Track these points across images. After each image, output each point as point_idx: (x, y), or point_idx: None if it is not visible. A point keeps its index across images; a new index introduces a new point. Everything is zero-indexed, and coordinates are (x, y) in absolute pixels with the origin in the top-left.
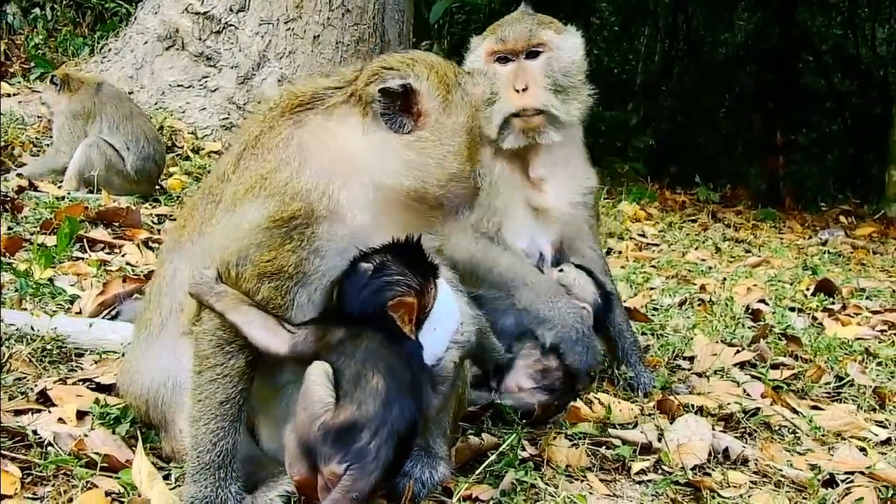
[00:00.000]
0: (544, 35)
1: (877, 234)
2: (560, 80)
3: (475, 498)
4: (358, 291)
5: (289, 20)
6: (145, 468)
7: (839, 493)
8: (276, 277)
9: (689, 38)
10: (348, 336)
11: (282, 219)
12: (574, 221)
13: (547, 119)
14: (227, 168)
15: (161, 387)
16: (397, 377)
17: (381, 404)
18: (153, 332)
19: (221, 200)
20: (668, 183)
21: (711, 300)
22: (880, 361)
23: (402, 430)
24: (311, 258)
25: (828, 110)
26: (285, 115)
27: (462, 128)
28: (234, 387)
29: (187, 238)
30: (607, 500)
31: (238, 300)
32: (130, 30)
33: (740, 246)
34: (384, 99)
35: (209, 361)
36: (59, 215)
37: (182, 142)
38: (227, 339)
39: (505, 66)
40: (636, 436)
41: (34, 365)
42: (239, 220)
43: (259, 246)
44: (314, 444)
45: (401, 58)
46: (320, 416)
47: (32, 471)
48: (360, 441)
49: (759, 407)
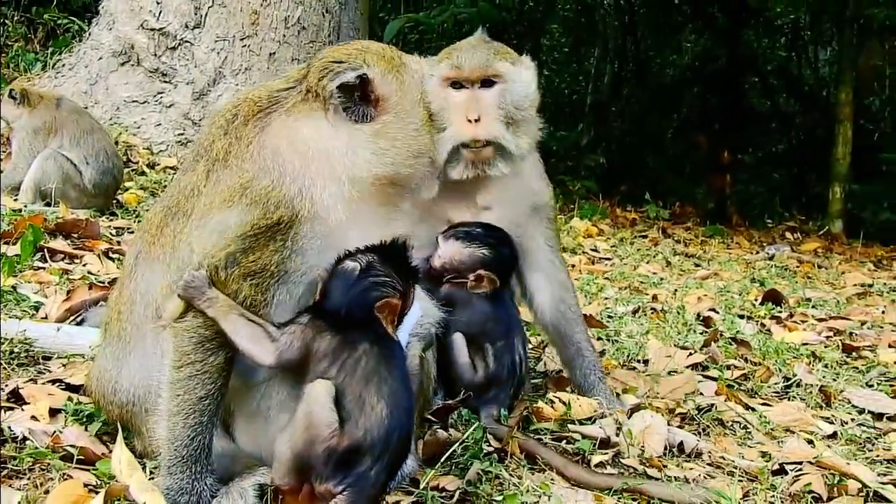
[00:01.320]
0: (500, 66)
1: (822, 249)
2: (512, 113)
3: (442, 488)
4: (345, 290)
5: (244, 37)
6: (125, 457)
7: (789, 481)
8: (259, 276)
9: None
10: (340, 345)
11: (266, 225)
12: (521, 241)
13: (496, 151)
14: (198, 183)
15: (135, 392)
16: (396, 398)
17: (385, 431)
18: (126, 340)
19: (193, 213)
20: (619, 201)
21: (663, 309)
22: (826, 364)
23: (399, 452)
24: (293, 256)
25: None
26: (248, 123)
27: (417, 103)
28: (213, 383)
29: (159, 251)
30: (568, 490)
31: (228, 308)
32: (85, 45)
33: (690, 260)
34: (342, 94)
35: (189, 358)
36: (19, 225)
37: (137, 157)
38: (208, 336)
39: (458, 93)
40: (595, 431)
41: (2, 367)
42: (221, 228)
43: (245, 250)
44: (313, 462)
45: (345, 50)
46: (326, 439)
47: (8, 464)
48: (362, 466)
49: (713, 403)
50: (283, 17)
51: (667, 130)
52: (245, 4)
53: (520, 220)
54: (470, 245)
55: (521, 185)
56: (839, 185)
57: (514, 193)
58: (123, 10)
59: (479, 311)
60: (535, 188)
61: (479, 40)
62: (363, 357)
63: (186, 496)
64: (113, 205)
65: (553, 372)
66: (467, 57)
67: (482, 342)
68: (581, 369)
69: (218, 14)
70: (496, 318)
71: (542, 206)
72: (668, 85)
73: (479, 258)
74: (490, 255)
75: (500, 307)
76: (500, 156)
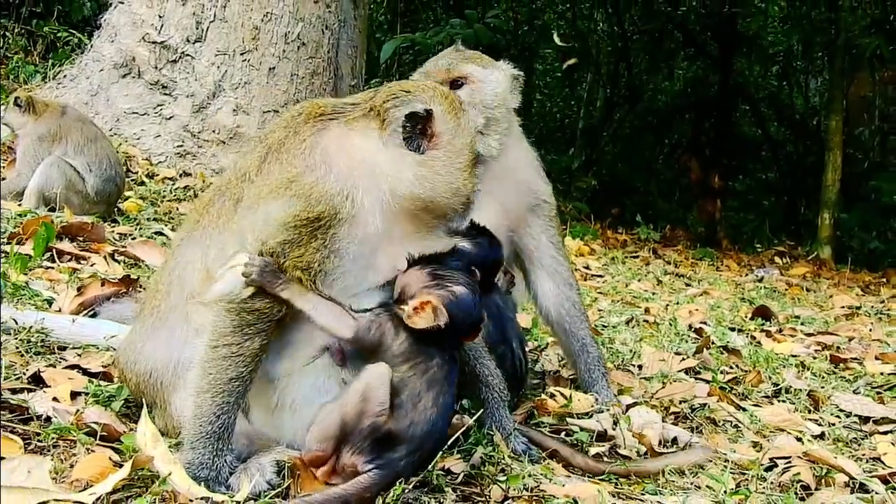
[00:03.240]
0: (465, 68)
1: (810, 273)
2: (481, 112)
3: (448, 470)
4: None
5: (245, 52)
6: (150, 431)
7: (778, 472)
8: (307, 272)
9: (630, 85)
10: (416, 351)
11: (308, 219)
12: (522, 239)
13: None
14: (250, 170)
15: (164, 367)
16: (445, 411)
17: (427, 432)
18: (160, 317)
19: (242, 199)
20: (610, 223)
21: (656, 321)
22: (814, 372)
23: (429, 455)
24: (332, 257)
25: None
26: (309, 122)
27: (467, 148)
28: (246, 367)
29: (202, 232)
30: (565, 477)
31: (304, 289)
32: (86, 57)
33: (681, 280)
34: (407, 122)
35: (227, 339)
36: (28, 226)
37: (137, 167)
38: (249, 321)
39: None
40: (593, 424)
41: (20, 354)
42: (266, 217)
43: (291, 243)
44: (356, 432)
45: (415, 84)
46: (375, 414)
47: (33, 441)
48: (397, 453)
49: (706, 403)
50: (284, 32)
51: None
52: (246, 20)
53: (517, 219)
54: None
55: (513, 182)
56: (828, 212)
57: (505, 191)
58: (126, 22)
59: None
60: (533, 186)
61: (452, 49)
62: (435, 367)
63: (206, 470)
64: (115, 212)
65: (551, 372)
66: (434, 62)
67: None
68: (586, 364)
69: (219, 28)
70: (490, 321)
71: (542, 204)
72: (660, 111)
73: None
74: (468, 248)
75: (491, 309)
76: None
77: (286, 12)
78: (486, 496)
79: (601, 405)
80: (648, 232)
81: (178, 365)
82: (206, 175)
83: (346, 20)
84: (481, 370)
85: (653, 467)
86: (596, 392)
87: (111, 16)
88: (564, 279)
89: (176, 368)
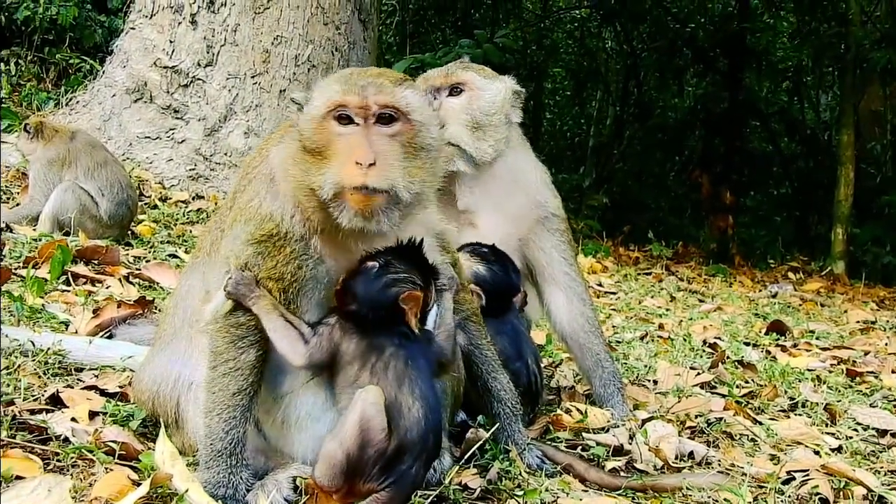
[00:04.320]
0: (464, 75)
1: (824, 289)
2: (478, 118)
3: (465, 485)
4: (367, 288)
5: (255, 74)
6: (168, 449)
7: (796, 486)
8: (280, 282)
9: (639, 102)
10: (367, 348)
11: (262, 236)
12: (532, 254)
13: (457, 151)
14: (229, 199)
15: (174, 386)
16: (427, 398)
17: (423, 431)
18: (165, 340)
19: (224, 227)
20: (622, 240)
21: (670, 336)
22: (830, 386)
23: (433, 449)
24: (303, 268)
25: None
26: (267, 144)
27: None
28: (245, 379)
29: (200, 260)
30: (582, 492)
31: (271, 306)
32: (98, 82)
33: (694, 296)
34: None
35: (223, 356)
36: (44, 250)
37: (150, 191)
38: (239, 335)
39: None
40: (609, 439)
41: (38, 376)
42: (236, 236)
43: (260, 254)
44: (363, 464)
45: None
46: (378, 442)
47: (52, 460)
48: (405, 464)
49: (722, 417)
50: (294, 55)
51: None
52: (256, 43)
53: (524, 232)
54: (470, 259)
55: (520, 193)
56: (841, 227)
57: (509, 199)
58: (137, 48)
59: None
60: (541, 199)
61: (456, 61)
62: (391, 360)
63: (223, 489)
64: (128, 235)
65: (566, 388)
66: (435, 70)
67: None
68: (601, 380)
69: (230, 52)
70: (505, 341)
71: (551, 217)
72: (670, 127)
73: (473, 273)
74: (483, 272)
75: (507, 328)
76: (461, 155)
77: (296, 35)
78: None
79: (617, 420)
80: (661, 249)
81: (189, 384)
82: (218, 198)
83: (355, 42)
84: (493, 385)
85: (670, 483)
86: (611, 407)
87: (123, 42)
88: (578, 294)
89: (186, 386)
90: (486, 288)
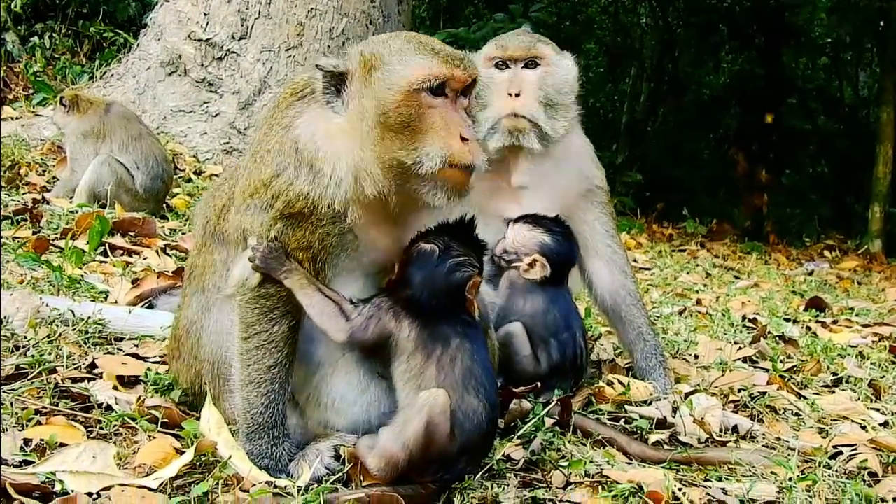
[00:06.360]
0: (543, 49)
1: (860, 267)
2: (552, 95)
3: (508, 456)
4: (431, 274)
5: (290, 48)
6: (214, 417)
7: (843, 460)
8: (308, 251)
9: (674, 78)
10: (431, 338)
11: (291, 214)
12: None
13: (532, 126)
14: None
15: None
16: (489, 396)
17: (483, 434)
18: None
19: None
20: (656, 217)
21: (709, 312)
22: (874, 361)
23: (487, 447)
24: (326, 237)
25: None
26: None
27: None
28: (280, 352)
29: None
30: (626, 464)
31: (305, 280)
32: (133, 56)
33: (730, 273)
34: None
35: (255, 328)
36: (81, 221)
37: (184, 164)
38: (270, 306)
39: (502, 73)
40: (652, 411)
41: (79, 345)
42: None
43: (288, 227)
44: (424, 464)
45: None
46: (442, 446)
47: (94, 428)
48: (460, 464)
49: (765, 392)
50: (328, 28)
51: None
52: (291, 16)
53: (570, 205)
54: (534, 229)
55: (569, 169)
56: (879, 205)
57: (561, 177)
58: (172, 21)
59: (539, 303)
60: (587, 172)
61: (523, 30)
62: (458, 353)
63: (266, 460)
64: (163, 209)
65: (606, 361)
66: (512, 38)
67: (545, 335)
68: (643, 353)
69: (264, 25)
70: (557, 311)
71: (595, 189)
72: (705, 104)
73: (539, 243)
74: (549, 243)
75: (560, 299)
76: (535, 131)
77: (330, 8)
78: (547, 482)
79: (660, 393)
80: (695, 226)
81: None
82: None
83: (389, 15)
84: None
85: (716, 457)
86: (653, 380)
87: (157, 14)
88: (620, 267)
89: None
90: (553, 259)
